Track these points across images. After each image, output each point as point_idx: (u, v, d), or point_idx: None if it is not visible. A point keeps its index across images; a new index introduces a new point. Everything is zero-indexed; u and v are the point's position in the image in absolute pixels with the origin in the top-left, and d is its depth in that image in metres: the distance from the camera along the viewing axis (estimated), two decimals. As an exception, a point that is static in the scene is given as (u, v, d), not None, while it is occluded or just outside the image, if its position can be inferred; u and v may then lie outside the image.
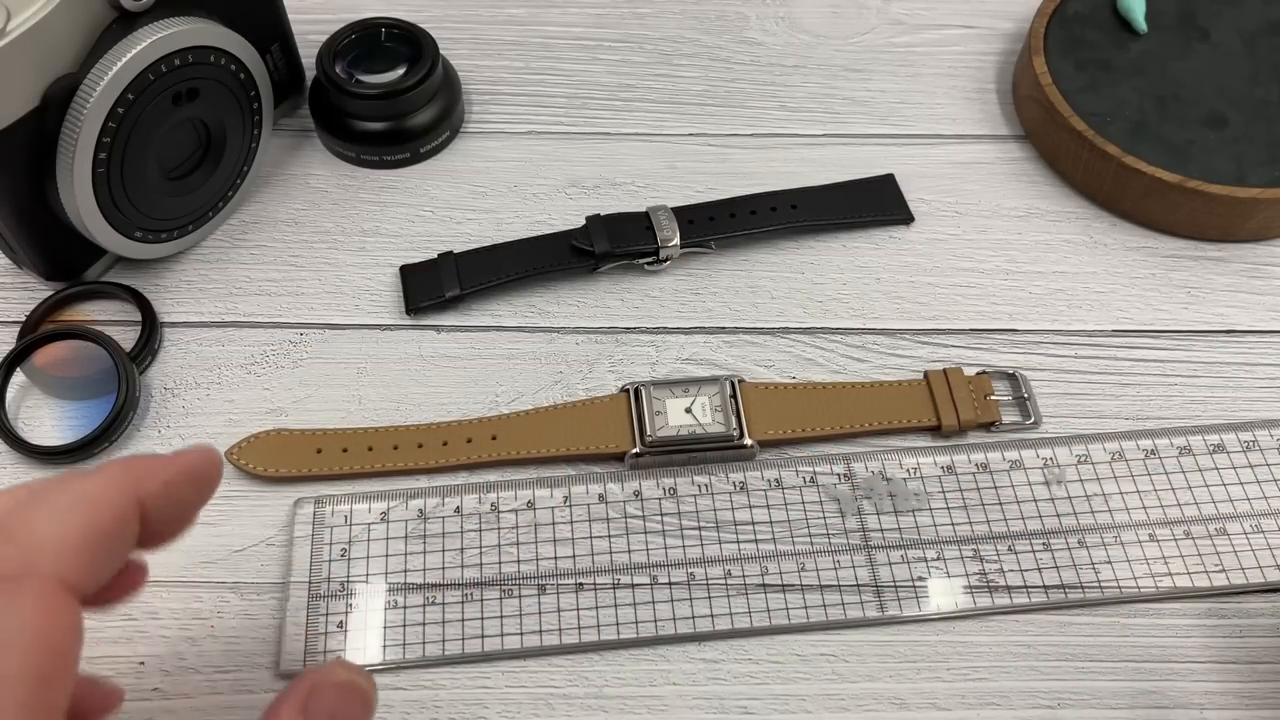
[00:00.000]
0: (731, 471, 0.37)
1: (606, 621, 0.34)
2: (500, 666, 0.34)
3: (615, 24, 0.51)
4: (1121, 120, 0.44)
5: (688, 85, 0.49)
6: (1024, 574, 0.35)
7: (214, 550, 0.35)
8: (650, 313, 0.42)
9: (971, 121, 0.47)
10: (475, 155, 0.46)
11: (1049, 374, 0.40)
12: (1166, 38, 0.46)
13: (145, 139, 0.37)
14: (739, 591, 0.35)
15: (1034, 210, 0.44)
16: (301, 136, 0.46)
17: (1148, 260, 0.43)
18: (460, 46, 0.49)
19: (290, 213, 0.44)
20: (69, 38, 0.34)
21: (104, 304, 0.41)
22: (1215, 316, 0.41)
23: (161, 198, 0.39)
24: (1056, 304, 0.42)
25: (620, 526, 0.36)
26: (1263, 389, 0.40)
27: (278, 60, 0.44)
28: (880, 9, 0.52)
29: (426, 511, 0.36)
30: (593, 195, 0.45)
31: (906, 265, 0.43)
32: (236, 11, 0.39)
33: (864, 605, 0.34)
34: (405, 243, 0.43)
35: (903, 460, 0.37)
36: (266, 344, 0.40)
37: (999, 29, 0.51)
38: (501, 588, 0.35)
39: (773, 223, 0.43)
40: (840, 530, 0.36)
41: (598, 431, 0.37)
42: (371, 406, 0.39)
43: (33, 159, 0.36)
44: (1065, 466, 0.37)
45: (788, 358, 0.40)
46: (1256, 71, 0.45)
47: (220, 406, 0.39)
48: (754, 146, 0.47)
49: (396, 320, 0.41)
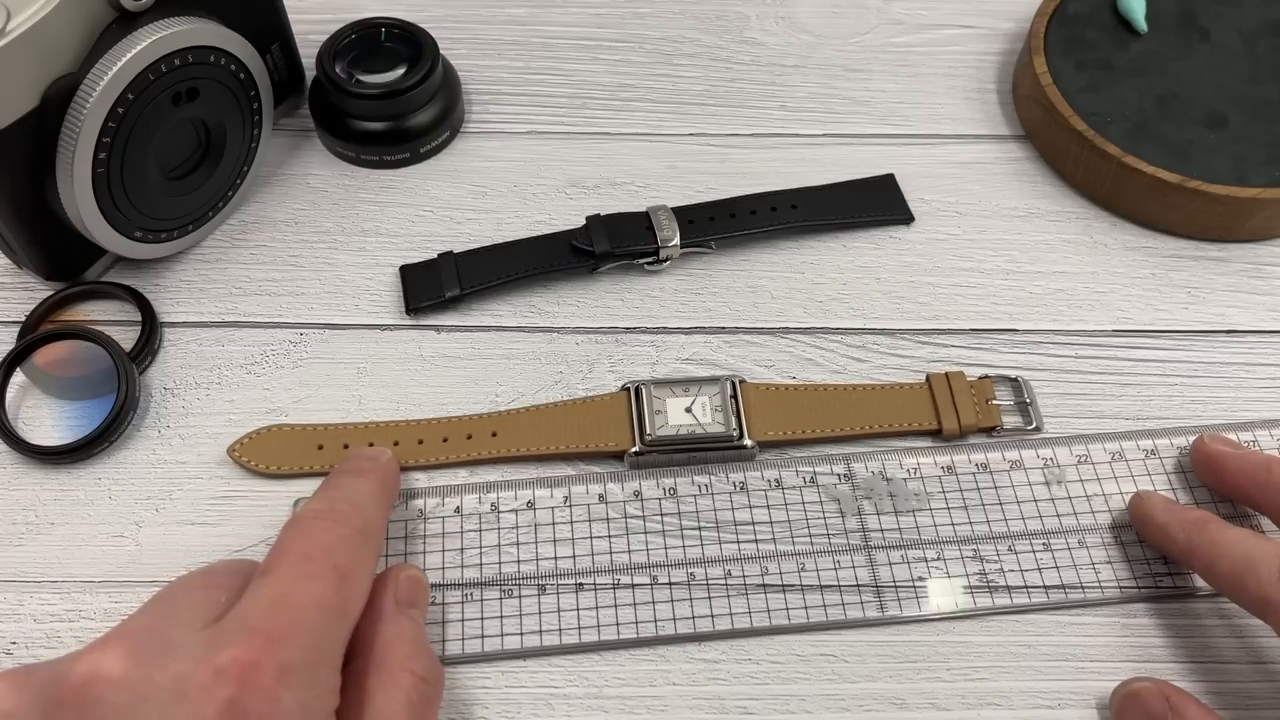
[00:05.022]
0: (731, 471, 0.37)
1: (606, 621, 0.34)
2: (500, 666, 0.34)
3: (615, 24, 0.51)
4: (1122, 120, 0.44)
5: (688, 85, 0.49)
6: (1024, 574, 0.35)
7: (214, 550, 0.35)
8: (650, 313, 0.42)
9: (972, 121, 0.47)
10: (475, 155, 0.46)
11: (1049, 374, 0.40)
12: (1167, 38, 0.46)
13: (145, 139, 0.37)
14: (739, 591, 0.35)
15: (1034, 210, 0.44)
16: (301, 136, 0.46)
17: (1148, 260, 0.43)
18: (460, 46, 0.49)
19: (290, 213, 0.44)
20: (69, 38, 0.34)
21: (104, 304, 0.41)
22: (1215, 316, 0.41)
23: (161, 198, 0.39)
24: (1057, 304, 0.42)
25: (620, 526, 0.36)
26: (1263, 389, 0.40)
27: (278, 60, 0.44)
28: (880, 9, 0.52)
29: (426, 511, 0.36)
30: (593, 195, 0.45)
31: (907, 265, 0.43)
32: (236, 11, 0.39)
33: (864, 605, 0.34)
34: (405, 243, 0.43)
35: (903, 460, 0.37)
36: (266, 344, 0.40)
37: (999, 29, 0.51)
38: (501, 588, 0.35)
39: (773, 223, 0.43)
40: (840, 530, 0.36)
41: (598, 429, 0.37)
42: (371, 407, 0.39)
43: (32, 159, 0.36)
44: (1065, 466, 0.37)
45: (788, 358, 0.40)
46: (1257, 71, 0.45)
47: (220, 406, 0.39)
48: (754, 146, 0.47)
49: (396, 320, 0.41)
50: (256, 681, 0.25)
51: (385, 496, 0.34)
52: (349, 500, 0.32)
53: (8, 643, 0.34)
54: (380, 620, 0.30)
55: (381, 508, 0.33)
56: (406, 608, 0.31)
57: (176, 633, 0.26)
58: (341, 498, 0.32)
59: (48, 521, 0.36)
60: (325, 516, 0.30)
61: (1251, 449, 0.37)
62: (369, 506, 0.32)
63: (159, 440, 0.38)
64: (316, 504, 0.31)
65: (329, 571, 0.28)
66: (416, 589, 0.32)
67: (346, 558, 0.29)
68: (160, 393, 0.39)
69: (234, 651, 0.25)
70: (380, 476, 0.34)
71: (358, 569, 0.29)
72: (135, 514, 0.36)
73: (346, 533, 0.30)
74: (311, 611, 0.27)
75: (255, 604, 0.27)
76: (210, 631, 0.26)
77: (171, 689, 0.25)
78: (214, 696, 0.25)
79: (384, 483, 0.34)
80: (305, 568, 0.28)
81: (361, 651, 0.29)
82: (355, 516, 0.31)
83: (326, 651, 0.27)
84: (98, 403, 0.38)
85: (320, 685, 0.27)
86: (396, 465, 0.35)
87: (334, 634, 0.28)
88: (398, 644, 0.29)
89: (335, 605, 0.28)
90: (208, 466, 0.37)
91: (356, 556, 0.30)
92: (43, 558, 0.35)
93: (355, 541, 0.30)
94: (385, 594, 0.31)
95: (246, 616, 0.27)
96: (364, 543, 0.30)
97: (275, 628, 0.26)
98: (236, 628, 0.26)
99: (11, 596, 0.35)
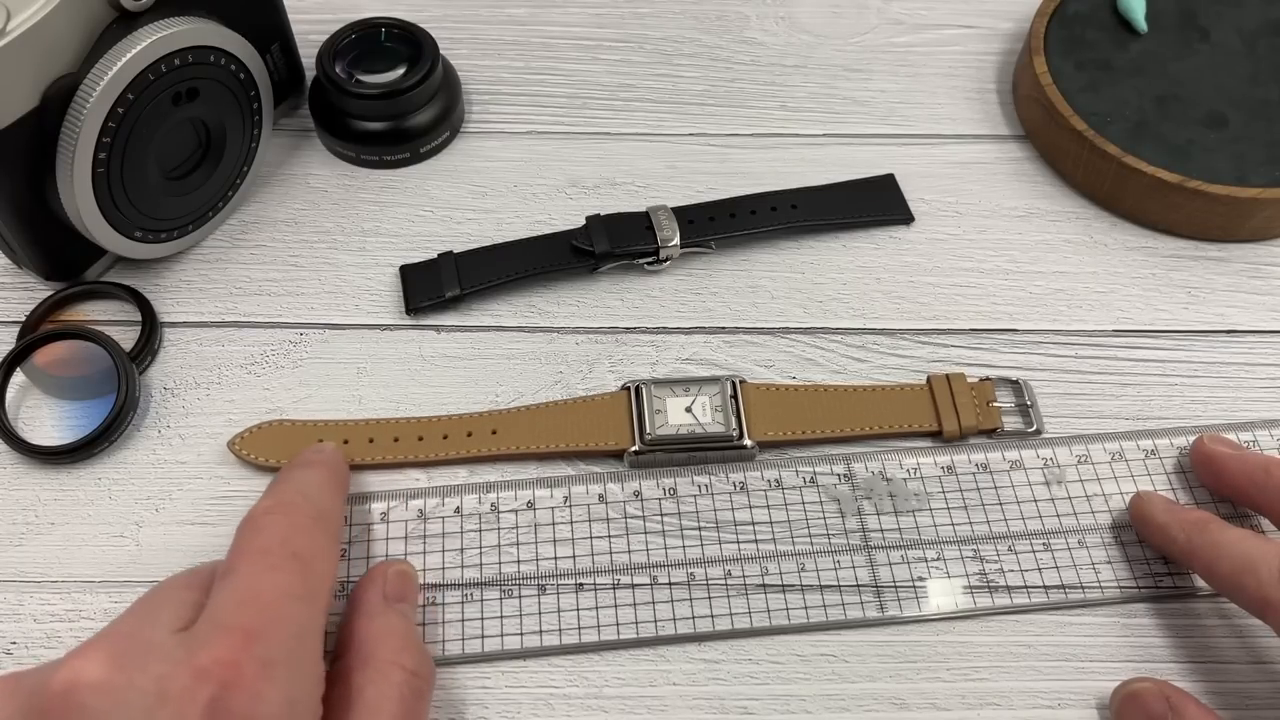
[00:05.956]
0: (731, 471, 0.37)
1: (606, 621, 0.34)
2: (500, 666, 0.34)
3: (615, 24, 0.51)
4: (1122, 120, 0.44)
5: (688, 85, 0.49)
6: (1024, 574, 0.35)
7: (214, 550, 0.35)
8: (650, 313, 0.42)
9: (971, 121, 0.47)
10: (475, 155, 0.46)
11: (1049, 374, 0.40)
12: (1167, 38, 0.46)
13: (145, 139, 0.37)
14: (739, 592, 0.35)
15: (1034, 210, 0.44)
16: (301, 136, 0.46)
17: (1148, 260, 0.43)
18: (460, 46, 0.49)
19: (290, 213, 0.44)
20: (69, 38, 0.34)
21: (104, 304, 0.41)
22: (1215, 316, 0.41)
23: (161, 198, 0.39)
24: (1057, 304, 0.42)
25: (620, 527, 0.36)
26: (1263, 389, 0.40)
27: (278, 60, 0.44)
28: (880, 9, 0.52)
29: (426, 512, 0.36)
30: (593, 195, 0.45)
31: (906, 265, 0.43)
32: (236, 11, 0.39)
33: (864, 605, 0.34)
34: (405, 243, 0.43)
35: (903, 460, 0.37)
36: (266, 344, 0.40)
37: (999, 29, 0.51)
38: (501, 588, 0.35)
39: (773, 223, 0.43)
40: (840, 530, 0.36)
41: (598, 428, 0.37)
42: (371, 406, 0.39)
43: (33, 159, 0.36)
44: (1065, 466, 0.37)
45: (788, 358, 0.40)
46: (1257, 71, 0.45)
47: (220, 406, 0.39)
48: (754, 146, 0.47)
49: (396, 320, 0.41)
50: (238, 679, 0.25)
51: (334, 484, 0.33)
52: (299, 491, 0.32)
53: (8, 643, 0.34)
54: (369, 615, 0.30)
55: (332, 494, 0.33)
56: (396, 602, 0.31)
57: (157, 635, 0.26)
58: (290, 489, 0.32)
59: (48, 521, 0.36)
60: (275, 510, 0.30)
61: (1251, 450, 0.37)
62: (319, 494, 0.32)
63: (159, 440, 0.38)
64: (266, 501, 0.31)
65: (289, 560, 0.28)
66: (406, 584, 0.32)
67: (304, 545, 0.29)
68: (160, 393, 0.39)
69: (213, 651, 0.25)
70: (327, 466, 0.34)
71: (317, 553, 0.30)
72: (135, 514, 0.36)
73: (300, 520, 0.30)
74: (281, 603, 0.27)
75: (224, 603, 0.27)
76: (187, 633, 0.26)
77: (153, 692, 0.25)
78: (196, 697, 0.25)
79: (332, 471, 0.34)
80: (265, 560, 0.28)
81: (351, 646, 0.29)
82: (306, 505, 0.31)
83: (304, 641, 0.27)
84: (98, 403, 0.38)
85: (303, 675, 0.27)
86: (342, 456, 0.35)
87: (308, 621, 0.28)
88: (388, 638, 0.30)
89: (302, 593, 0.28)
90: (208, 466, 0.37)
91: (314, 542, 0.30)
92: (43, 558, 0.35)
93: (309, 528, 0.30)
94: (373, 589, 0.31)
95: (218, 616, 0.27)
96: (319, 527, 0.30)
97: (249, 624, 0.26)
98: (211, 628, 0.26)
99: (11, 596, 0.35)
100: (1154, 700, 0.31)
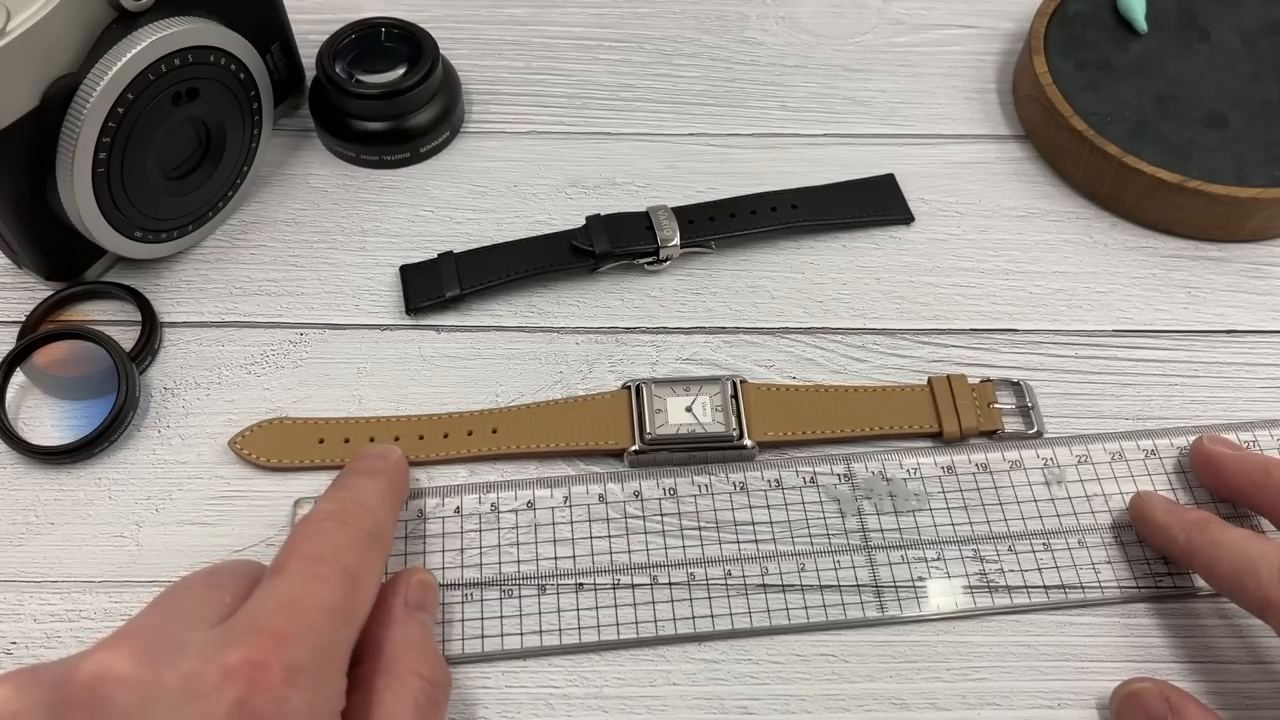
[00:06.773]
0: (731, 471, 0.37)
1: (606, 621, 0.34)
2: (500, 666, 0.34)
3: (616, 24, 0.51)
4: (1122, 120, 0.44)
5: (688, 85, 0.49)
6: (1024, 574, 0.35)
7: (214, 550, 0.35)
8: (650, 313, 0.42)
9: (971, 121, 0.47)
10: (475, 155, 0.46)
11: (1049, 374, 0.40)
12: (1167, 37, 0.46)
13: (145, 139, 0.37)
14: (739, 592, 0.35)
15: (1034, 210, 0.44)
16: (301, 136, 0.46)
17: (1148, 260, 0.43)
18: (460, 46, 0.49)
19: (290, 213, 0.44)
20: (69, 38, 0.34)
21: (104, 304, 0.41)
22: (1215, 316, 0.41)
23: (161, 198, 0.39)
24: (1057, 304, 0.42)
25: (620, 526, 0.36)
26: (1263, 389, 0.40)
27: (278, 60, 0.44)
28: (880, 9, 0.52)
29: (426, 512, 0.36)
30: (593, 195, 0.45)
31: (906, 265, 0.43)
32: (236, 11, 0.39)
33: (864, 605, 0.34)
34: (405, 243, 0.43)
35: (903, 460, 0.37)
36: (266, 344, 0.40)
37: (999, 29, 0.51)
38: (501, 588, 0.35)
39: (773, 223, 0.43)
40: (840, 530, 0.36)
41: (598, 427, 0.37)
42: (371, 407, 0.39)
43: (33, 159, 0.36)
44: (1065, 466, 0.37)
45: (788, 358, 0.40)
46: (1257, 71, 0.45)
47: (220, 406, 0.39)
48: (754, 146, 0.47)
49: (396, 320, 0.41)
50: (265, 682, 0.25)
51: (395, 497, 0.34)
52: (359, 502, 0.32)
53: (8, 643, 0.34)
54: (390, 623, 0.30)
55: (391, 510, 0.33)
56: (416, 611, 0.31)
57: (184, 632, 0.26)
58: (352, 499, 0.32)
59: (48, 521, 0.36)
60: (335, 518, 0.30)
61: (1250, 450, 0.37)
62: (379, 509, 0.32)
63: (159, 440, 0.38)
64: (327, 504, 0.31)
65: (338, 574, 0.28)
66: (427, 593, 0.32)
67: (355, 560, 0.29)
68: (160, 393, 0.39)
69: (243, 651, 0.25)
70: (390, 477, 0.34)
71: (366, 572, 0.30)
72: (135, 514, 0.36)
73: (356, 535, 0.30)
74: (320, 614, 0.27)
75: (265, 604, 0.27)
76: (218, 631, 0.26)
77: (181, 688, 0.25)
78: (223, 696, 0.25)
79: (394, 483, 0.34)
80: (315, 569, 0.28)
81: (371, 654, 0.29)
82: (365, 519, 0.31)
83: (334, 654, 0.27)
84: (98, 403, 0.38)
85: (327, 686, 0.27)
86: (406, 464, 0.36)
87: (341, 636, 0.28)
88: (407, 647, 0.30)
89: (344, 608, 0.28)
90: (208, 466, 0.37)
91: (365, 559, 0.30)
92: (43, 558, 0.35)
93: (364, 544, 0.30)
94: (396, 597, 0.31)
95: (256, 617, 0.27)
96: (373, 545, 0.31)
97: (284, 629, 0.26)
98: (245, 627, 0.26)
99: (11, 596, 0.35)
100: (1154, 700, 0.31)
